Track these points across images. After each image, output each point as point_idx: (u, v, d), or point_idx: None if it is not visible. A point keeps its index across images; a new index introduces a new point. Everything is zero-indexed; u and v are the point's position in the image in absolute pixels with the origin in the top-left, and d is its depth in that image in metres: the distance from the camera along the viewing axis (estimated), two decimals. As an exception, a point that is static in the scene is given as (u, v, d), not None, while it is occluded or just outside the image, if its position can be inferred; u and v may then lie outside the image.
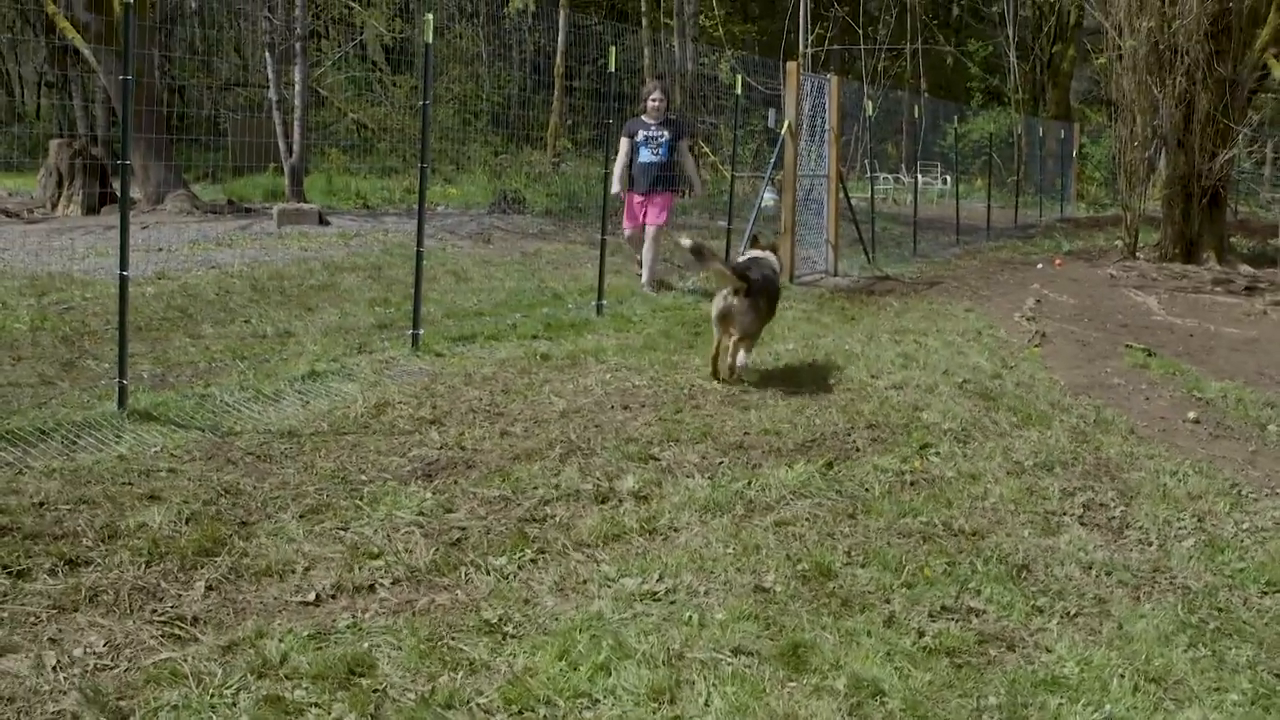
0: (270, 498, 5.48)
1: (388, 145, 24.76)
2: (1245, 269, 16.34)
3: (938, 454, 6.67)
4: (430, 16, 9.15)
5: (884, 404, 7.73)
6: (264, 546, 4.86)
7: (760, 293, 8.13)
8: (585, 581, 4.67)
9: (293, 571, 4.64)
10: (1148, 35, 16.90)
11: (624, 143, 11.85)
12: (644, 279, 12.04)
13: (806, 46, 27.39)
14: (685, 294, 12.01)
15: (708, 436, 6.80)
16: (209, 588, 4.46)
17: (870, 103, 19.32)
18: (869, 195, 19.22)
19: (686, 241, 8.19)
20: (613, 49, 11.67)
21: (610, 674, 3.89)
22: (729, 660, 4.03)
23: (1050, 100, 40.81)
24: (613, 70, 11.51)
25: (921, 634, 4.33)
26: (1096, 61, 27.60)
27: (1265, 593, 5.01)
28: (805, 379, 8.36)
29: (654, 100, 11.91)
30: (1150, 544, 5.50)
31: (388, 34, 24.05)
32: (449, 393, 7.61)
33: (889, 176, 29.30)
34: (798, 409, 7.49)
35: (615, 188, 11.78)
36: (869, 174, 20.89)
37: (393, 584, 4.59)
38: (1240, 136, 17.29)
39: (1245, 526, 5.84)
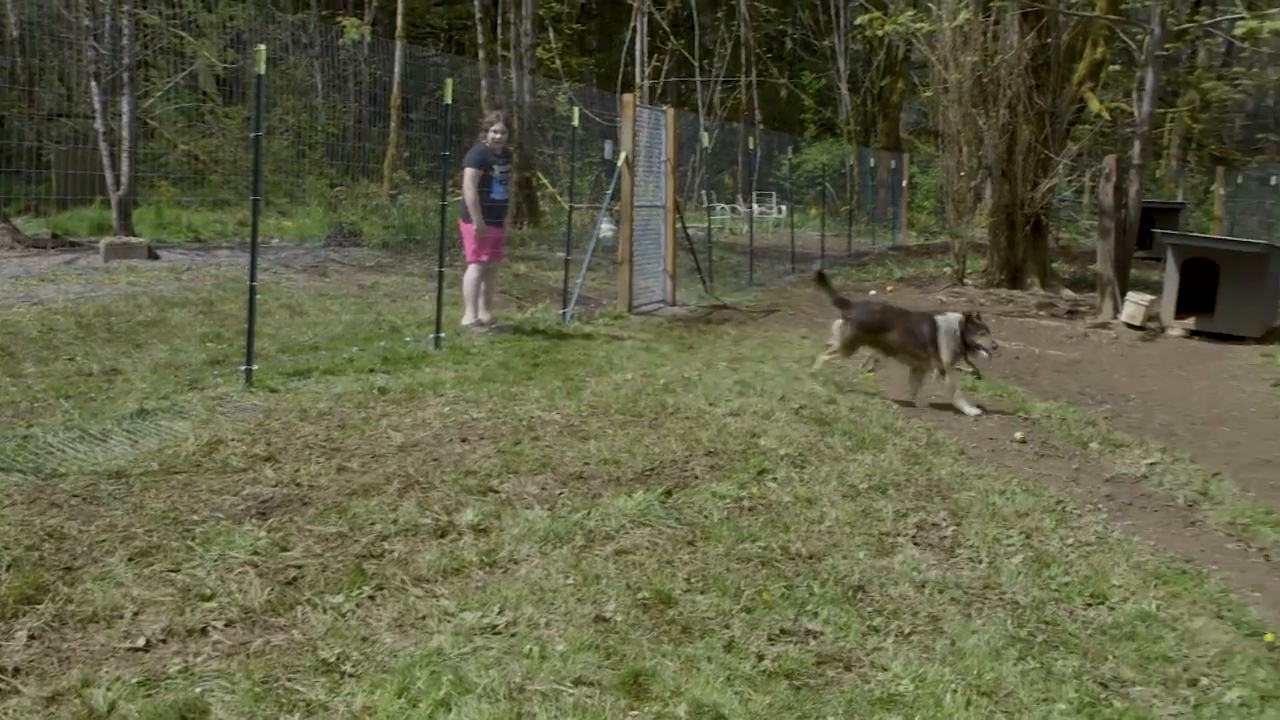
0: (97, 541, 5.28)
1: (220, 177, 24.23)
2: (1067, 293, 16.94)
3: (775, 479, 6.74)
4: (263, 47, 8.99)
5: (722, 431, 7.80)
6: (90, 592, 4.68)
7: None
8: (424, 617, 4.60)
9: (120, 617, 4.47)
10: (971, 69, 17.47)
11: (473, 174, 11.40)
12: (484, 317, 11.73)
13: (643, 79, 27.67)
14: (522, 328, 11.98)
15: (547, 467, 6.77)
16: (31, 637, 4.27)
17: (706, 134, 19.59)
18: (706, 225, 19.44)
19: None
20: (449, 81, 11.61)
21: (451, 710, 3.84)
22: (570, 691, 4.01)
23: (881, 131, 41.79)
24: (449, 102, 11.44)
25: (761, 658, 4.38)
26: (924, 94, 28.39)
27: (1089, 605, 5.19)
28: (644, 408, 8.40)
29: (498, 132, 11.70)
30: (980, 561, 5.65)
31: (219, 64, 23.58)
32: (284, 429, 7.44)
33: (726, 206, 29.66)
34: (636, 438, 7.51)
35: (477, 222, 11.39)
36: (706, 204, 21.14)
37: (226, 626, 4.46)
38: (1060, 166, 17.91)
39: (1070, 541, 6.05)
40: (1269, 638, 4.95)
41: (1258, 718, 4.25)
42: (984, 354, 9.34)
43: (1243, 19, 14.72)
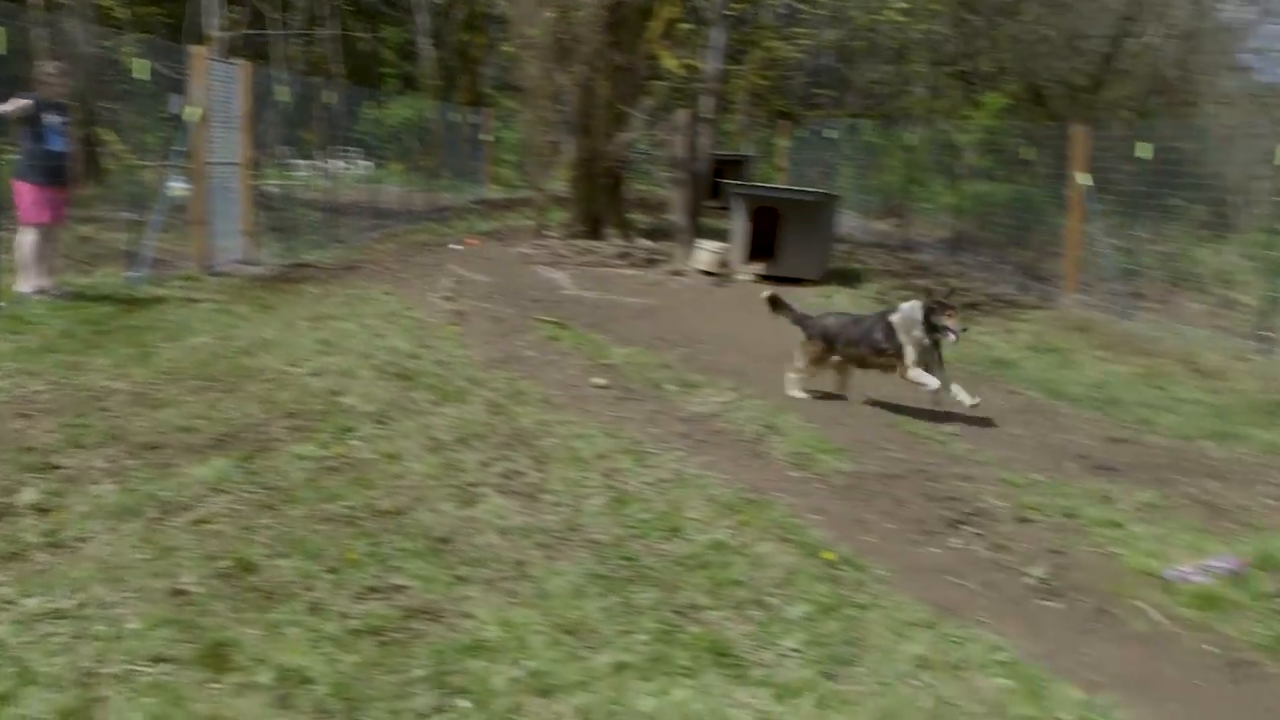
0: None
1: None
2: (645, 243, 17.46)
3: (358, 437, 6.64)
4: None
5: (303, 391, 7.59)
6: None
7: None
8: (-22, 608, 4.26)
9: None
10: (550, 25, 17.66)
11: (24, 104, 10.37)
12: (45, 283, 10.85)
13: (217, 31, 26.45)
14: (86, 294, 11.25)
15: (116, 439, 6.36)
16: None
17: (285, 88, 18.95)
18: (286, 182, 18.87)
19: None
20: (1, 29, 10.70)
21: (14, 704, 3.59)
22: (147, 670, 3.84)
23: (463, 86, 41.72)
24: (2, 53, 10.55)
25: (347, 617, 4.33)
26: (505, 49, 28.53)
27: (667, 538, 5.42)
28: (221, 372, 8.06)
29: (52, 78, 10.78)
30: (563, 505, 5.78)
31: None
32: None
33: (307, 162, 28.89)
34: (212, 403, 7.18)
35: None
36: (286, 160, 20.49)
37: None
38: (636, 120, 18.40)
39: (648, 480, 6.28)
40: (828, 555, 5.32)
41: (820, 628, 4.56)
42: (951, 337, 8.42)
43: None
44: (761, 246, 15.12)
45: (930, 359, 8.47)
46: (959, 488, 6.79)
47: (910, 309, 8.52)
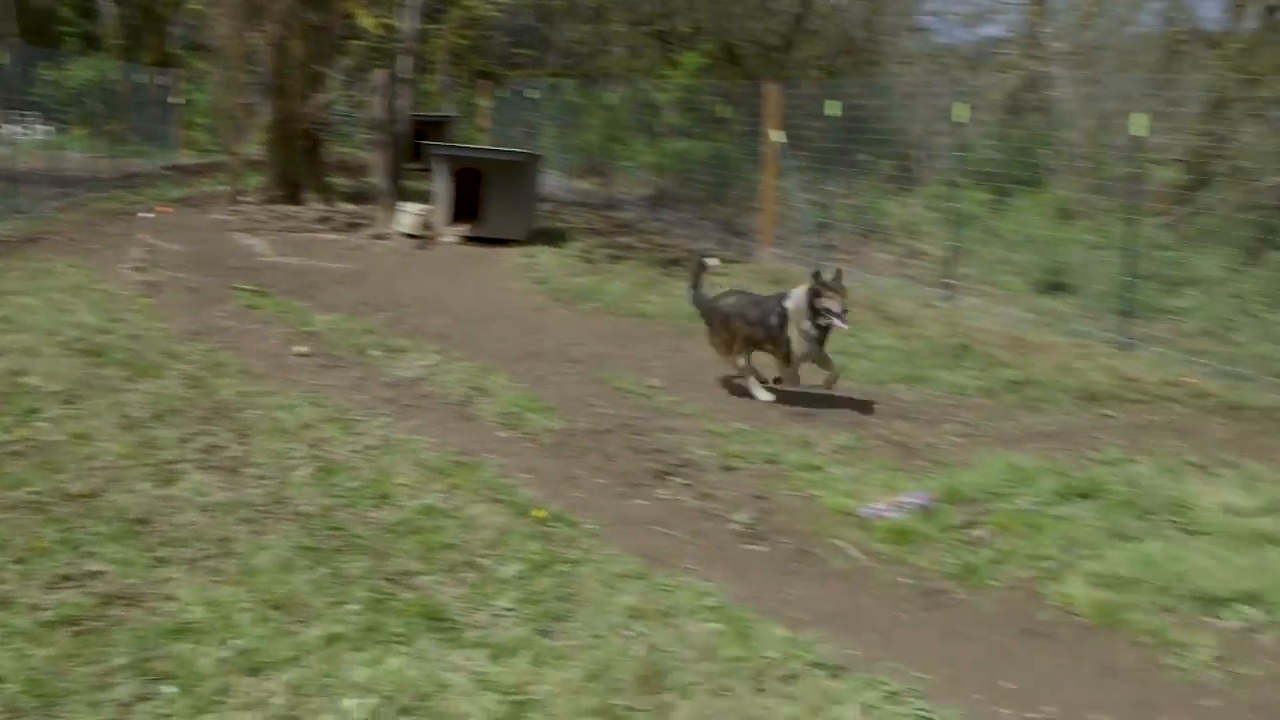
0: None
1: None
2: (347, 207, 17.13)
3: (45, 419, 6.30)
4: None
5: (-19, 373, 7.17)
6: None
7: None
8: None
9: None
10: (240, -19, 17.05)
11: None
12: None
13: None
14: None
15: None
16: None
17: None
18: (-45, 149, 17.67)
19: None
20: None
21: None
22: None
23: (150, 46, 39.88)
24: None
25: (38, 609, 4.14)
26: (193, 7, 27.37)
27: (376, 506, 5.39)
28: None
29: None
30: (268, 478, 5.67)
31: None
32: None
33: (-21, 128, 27.11)
34: (-123, 389, 6.71)
35: None
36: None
37: None
38: (334, 81, 17.99)
39: (355, 448, 6.21)
40: (539, 514, 5.39)
41: (533, 585, 4.61)
42: (837, 323, 7.64)
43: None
44: (465, 208, 15.05)
45: (816, 351, 7.89)
46: (666, 440, 6.97)
47: (799, 295, 7.82)
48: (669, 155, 19.19)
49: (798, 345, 7.84)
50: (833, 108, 14.19)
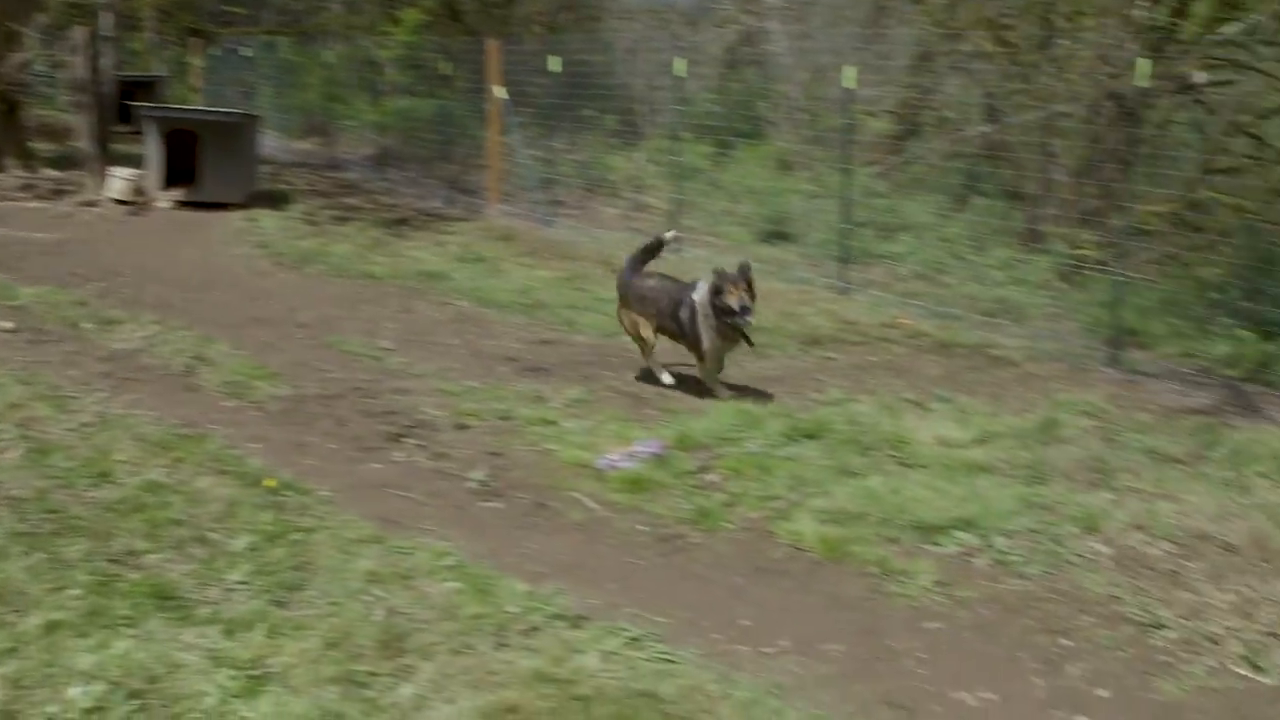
0: None
1: None
2: (51, 173, 16.25)
3: None
4: None
5: None
6: None
7: None
8: None
9: None
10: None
11: None
12: None
13: None
14: None
15: None
16: None
17: None
18: None
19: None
20: None
21: None
22: None
23: None
24: None
25: None
26: None
27: (95, 485, 5.17)
28: None
29: None
30: (-30, 464, 5.36)
31: None
32: None
33: None
34: None
35: None
36: None
37: None
38: (30, 40, 17.02)
39: (70, 426, 5.94)
40: (270, 483, 5.28)
41: (266, 557, 4.53)
42: (742, 320, 7.02)
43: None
44: (180, 171, 14.46)
45: (726, 349, 7.37)
46: (398, 401, 6.92)
47: (705, 290, 7.21)
48: (392, 114, 18.88)
49: (708, 341, 7.26)
50: (555, 63, 14.22)
